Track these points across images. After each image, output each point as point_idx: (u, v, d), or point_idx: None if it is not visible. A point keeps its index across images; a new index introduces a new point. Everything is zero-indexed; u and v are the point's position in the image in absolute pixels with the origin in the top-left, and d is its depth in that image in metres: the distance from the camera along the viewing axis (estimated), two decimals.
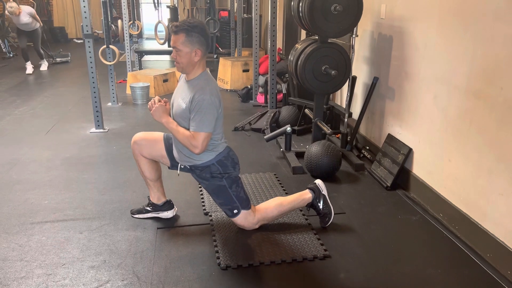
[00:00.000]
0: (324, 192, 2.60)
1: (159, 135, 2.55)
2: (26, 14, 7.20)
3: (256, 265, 2.21)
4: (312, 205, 2.57)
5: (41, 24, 7.74)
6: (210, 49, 2.35)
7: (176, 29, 2.21)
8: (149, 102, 2.34)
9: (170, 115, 2.36)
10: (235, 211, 2.43)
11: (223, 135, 2.44)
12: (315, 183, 2.63)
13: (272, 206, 2.50)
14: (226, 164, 2.39)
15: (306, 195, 2.57)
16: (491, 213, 2.26)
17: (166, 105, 2.36)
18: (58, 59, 8.42)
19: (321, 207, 2.56)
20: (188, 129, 2.28)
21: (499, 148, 2.19)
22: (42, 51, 7.69)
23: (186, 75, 2.35)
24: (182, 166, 2.47)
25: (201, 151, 2.27)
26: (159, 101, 2.34)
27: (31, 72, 7.34)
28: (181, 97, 2.32)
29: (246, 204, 2.45)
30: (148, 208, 2.66)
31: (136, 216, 2.68)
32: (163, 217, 2.66)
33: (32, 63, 7.51)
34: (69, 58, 8.59)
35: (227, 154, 2.41)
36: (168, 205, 2.67)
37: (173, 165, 2.53)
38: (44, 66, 7.75)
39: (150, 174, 2.57)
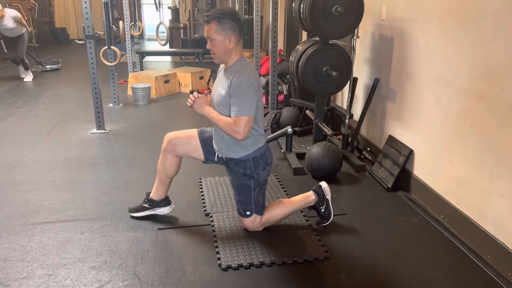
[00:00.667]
0: (328, 196, 2.59)
1: (193, 132, 2.53)
2: (9, 19, 6.49)
3: (257, 266, 2.21)
4: (314, 207, 2.58)
5: (29, 29, 7.04)
6: (243, 34, 2.32)
7: (207, 18, 2.19)
8: (189, 99, 2.31)
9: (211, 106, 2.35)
10: (248, 212, 2.43)
11: (263, 131, 2.41)
12: (321, 186, 2.61)
13: (276, 209, 2.50)
14: (259, 163, 2.36)
15: (310, 197, 2.56)
16: (492, 215, 2.26)
17: (207, 97, 2.35)
18: (48, 67, 7.69)
19: (322, 210, 2.56)
20: (230, 117, 2.25)
21: (500, 150, 2.19)
22: (27, 61, 6.90)
23: (224, 64, 2.34)
24: (220, 156, 2.45)
25: (244, 137, 2.21)
26: (198, 94, 2.32)
27: (30, 80, 6.86)
28: (220, 85, 2.30)
29: (260, 209, 2.45)
30: (146, 205, 2.65)
31: (134, 214, 2.67)
32: (159, 213, 2.65)
33: (15, 72, 7.00)
34: (59, 65, 7.88)
35: (264, 152, 2.38)
36: (165, 202, 2.65)
37: (207, 159, 2.51)
38: (28, 77, 6.89)
39: (172, 172, 2.56)
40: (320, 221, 2.59)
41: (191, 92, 2.38)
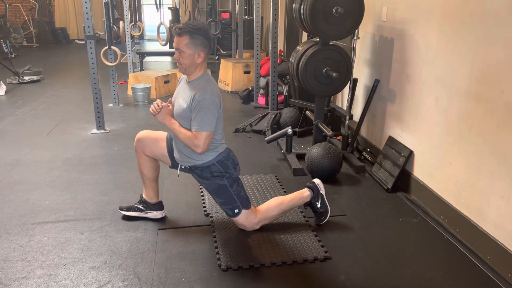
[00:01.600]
0: (322, 191, 2.62)
1: (162, 134, 2.58)
2: None
3: (257, 267, 2.21)
4: (310, 203, 2.59)
5: None
6: (212, 51, 2.39)
7: (179, 31, 2.25)
8: (152, 107, 2.36)
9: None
10: (236, 210, 2.44)
11: (224, 136, 2.47)
12: (314, 182, 2.65)
13: (272, 205, 2.52)
14: (227, 164, 2.41)
15: (304, 193, 2.58)
16: (492, 216, 2.26)
17: (169, 107, 2.40)
18: (26, 78, 6.71)
19: (318, 206, 2.57)
20: (190, 130, 2.30)
21: (499, 151, 2.19)
22: None
23: (187, 76, 2.39)
24: (183, 167, 2.49)
25: (203, 151, 2.30)
26: (161, 103, 2.37)
27: (2, 94, 5.97)
28: (182, 98, 2.36)
29: (246, 203, 2.46)
30: (140, 206, 2.66)
31: (124, 212, 2.66)
32: (151, 217, 2.65)
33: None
34: (41, 76, 6.90)
35: (227, 154, 2.44)
36: (158, 206, 2.66)
37: (174, 165, 2.55)
38: (0, 90, 6.05)
39: (149, 173, 2.59)
40: (319, 219, 2.60)
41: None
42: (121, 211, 2.68)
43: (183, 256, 2.30)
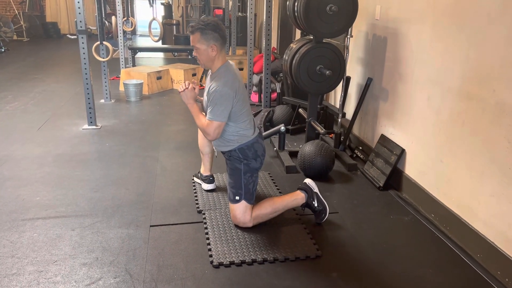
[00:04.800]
0: (316, 190, 2.63)
1: None
2: None
3: (249, 263, 2.22)
4: (307, 204, 2.59)
5: None
6: (226, 42, 2.52)
7: (192, 29, 2.39)
8: (181, 85, 2.51)
9: (196, 101, 2.55)
10: (237, 197, 2.47)
11: (253, 125, 2.55)
12: (305, 183, 2.66)
13: (267, 206, 2.53)
14: (247, 153, 2.49)
15: (298, 195, 2.59)
16: (482, 214, 2.28)
17: (196, 90, 2.53)
18: None
19: (315, 205, 2.58)
20: None
21: (491, 150, 2.22)
22: None
23: (210, 70, 2.51)
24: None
25: (213, 139, 2.45)
26: (189, 84, 2.51)
27: None
28: (205, 91, 2.50)
29: (249, 197, 2.50)
30: (199, 174, 3.05)
31: (194, 178, 3.12)
32: (203, 187, 3.00)
33: None
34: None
35: (251, 144, 2.50)
36: (208, 180, 2.99)
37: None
38: None
39: (202, 147, 2.92)
40: (319, 217, 2.61)
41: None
42: (193, 176, 3.14)
43: (175, 252, 2.30)
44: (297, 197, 2.58)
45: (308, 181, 2.68)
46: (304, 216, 2.67)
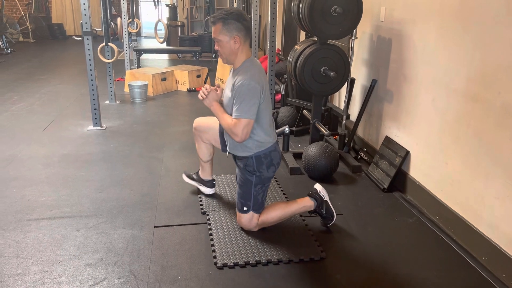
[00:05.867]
0: (326, 198, 2.58)
1: (215, 121, 2.59)
2: None
3: (253, 265, 2.22)
4: (315, 211, 2.57)
5: None
6: (249, 33, 2.33)
7: (213, 19, 2.24)
8: (200, 92, 2.36)
9: (220, 103, 2.41)
10: (245, 208, 2.44)
11: (274, 129, 2.45)
12: (316, 190, 2.59)
13: (273, 212, 2.49)
14: (262, 162, 2.37)
15: (308, 202, 2.54)
16: (487, 217, 2.27)
17: (218, 91, 2.37)
18: None
19: (324, 213, 2.55)
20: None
21: (496, 152, 2.20)
22: None
23: (232, 65, 2.36)
24: (228, 150, 2.52)
25: (242, 140, 2.24)
26: (210, 87, 2.36)
27: None
28: (227, 87, 2.35)
29: (258, 208, 2.45)
30: (195, 177, 2.95)
31: (184, 178, 2.97)
32: (203, 191, 2.93)
33: None
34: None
35: (268, 152, 2.38)
36: (210, 184, 2.92)
37: (223, 149, 2.61)
38: None
39: (204, 157, 2.82)
40: (325, 222, 2.59)
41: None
42: (184, 174, 2.99)
43: (179, 253, 2.30)
44: (306, 205, 2.53)
45: (319, 188, 2.60)
46: (308, 218, 2.67)
